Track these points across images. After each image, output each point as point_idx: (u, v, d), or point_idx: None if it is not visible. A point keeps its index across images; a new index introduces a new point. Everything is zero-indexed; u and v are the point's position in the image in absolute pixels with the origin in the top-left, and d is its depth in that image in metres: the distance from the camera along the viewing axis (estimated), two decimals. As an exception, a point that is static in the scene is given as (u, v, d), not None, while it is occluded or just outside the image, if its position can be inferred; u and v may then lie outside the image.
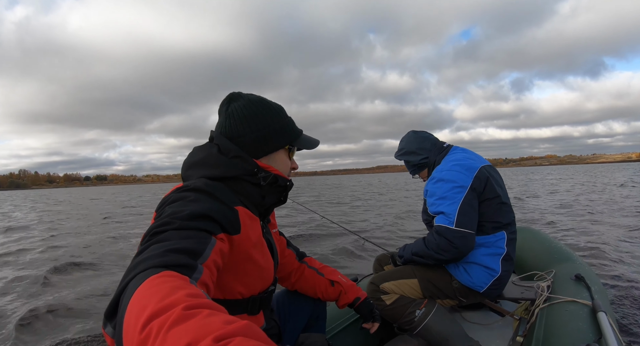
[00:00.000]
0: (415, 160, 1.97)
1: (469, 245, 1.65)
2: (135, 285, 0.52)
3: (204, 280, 0.63)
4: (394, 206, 12.11)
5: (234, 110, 1.00)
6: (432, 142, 1.96)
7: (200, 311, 0.43)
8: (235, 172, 0.95)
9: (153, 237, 0.68)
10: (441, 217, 1.69)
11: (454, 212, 1.65)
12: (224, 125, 1.01)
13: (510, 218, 1.79)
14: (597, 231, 5.83)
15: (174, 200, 0.81)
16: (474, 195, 1.70)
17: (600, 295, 1.66)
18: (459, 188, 1.69)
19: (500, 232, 1.75)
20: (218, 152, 0.97)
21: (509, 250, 1.74)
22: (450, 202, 1.67)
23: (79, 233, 8.79)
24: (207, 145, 1.02)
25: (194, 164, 0.98)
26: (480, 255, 1.72)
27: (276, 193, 1.03)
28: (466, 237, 1.63)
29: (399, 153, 2.04)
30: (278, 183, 1.01)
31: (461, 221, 1.63)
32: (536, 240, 2.60)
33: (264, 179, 0.97)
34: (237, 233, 0.86)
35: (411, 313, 1.74)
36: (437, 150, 1.93)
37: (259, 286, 0.99)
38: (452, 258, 1.67)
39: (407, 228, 7.25)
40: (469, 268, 1.74)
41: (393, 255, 2.05)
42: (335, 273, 1.45)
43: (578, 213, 8.14)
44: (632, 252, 4.43)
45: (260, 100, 1.03)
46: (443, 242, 1.64)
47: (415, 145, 1.97)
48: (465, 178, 1.71)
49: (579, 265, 2.08)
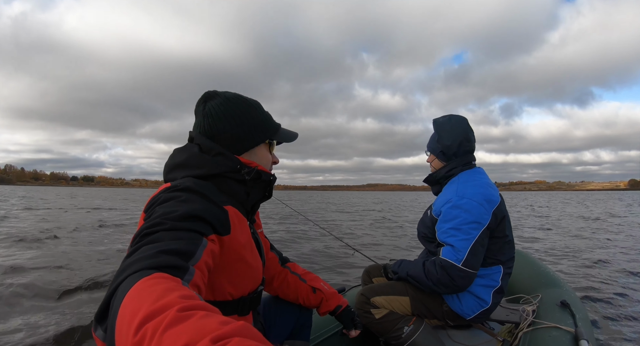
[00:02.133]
0: (443, 146, 1.81)
1: (468, 285, 1.62)
2: (127, 287, 0.51)
3: (195, 282, 0.63)
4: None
5: (211, 108, 0.99)
6: (469, 148, 1.83)
7: (195, 313, 0.42)
8: (219, 170, 0.94)
9: (144, 238, 0.67)
10: (449, 250, 1.61)
11: (464, 250, 1.58)
12: (203, 124, 1.00)
13: (510, 255, 1.76)
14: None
15: (164, 200, 0.79)
16: (487, 234, 1.65)
17: (584, 322, 1.68)
18: (476, 225, 1.61)
19: (497, 266, 1.73)
20: (199, 151, 0.97)
21: (502, 284, 1.73)
22: (464, 238, 1.60)
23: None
24: (187, 146, 1.01)
25: (177, 166, 0.97)
26: (474, 285, 1.70)
27: (261, 188, 1.03)
28: (469, 277, 1.59)
29: (440, 123, 1.85)
30: (262, 179, 1.01)
31: (469, 261, 1.58)
32: (525, 263, 2.61)
33: (248, 174, 0.97)
34: (228, 234, 0.85)
35: (399, 329, 1.73)
36: (464, 159, 1.82)
37: (249, 286, 0.99)
38: (448, 293, 1.67)
39: (400, 244, 7.25)
40: (462, 296, 1.73)
41: (386, 267, 2.01)
42: (318, 280, 1.45)
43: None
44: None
45: (236, 97, 1.03)
46: (445, 278, 1.60)
47: (458, 136, 1.80)
48: (484, 213, 1.63)
49: (565, 291, 2.09)
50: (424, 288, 1.72)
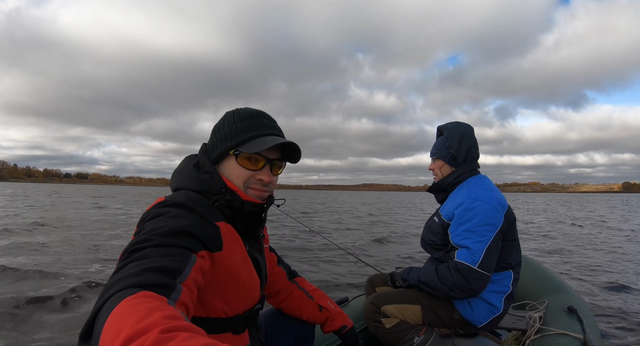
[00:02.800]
0: (453, 149, 1.81)
1: (483, 288, 1.61)
2: (111, 306, 0.50)
3: (183, 300, 0.61)
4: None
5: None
6: (476, 154, 1.85)
7: (177, 334, 0.41)
8: (200, 188, 0.92)
9: (131, 255, 0.66)
10: (465, 252, 1.60)
11: (480, 251, 1.58)
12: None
13: (518, 258, 1.76)
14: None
15: (154, 216, 0.79)
16: (500, 237, 1.65)
17: (592, 328, 1.65)
18: (491, 227, 1.61)
19: (508, 271, 1.72)
20: (195, 165, 0.97)
21: (512, 289, 1.72)
22: (479, 240, 1.59)
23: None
24: (193, 156, 1.03)
25: (176, 173, 1.00)
26: (487, 291, 1.68)
27: (244, 218, 0.96)
28: (484, 279, 1.58)
29: (450, 130, 1.85)
30: (245, 209, 0.93)
31: (485, 263, 1.57)
32: (530, 268, 2.58)
33: (219, 200, 0.91)
34: (219, 250, 0.84)
35: (410, 340, 1.70)
36: (470, 165, 1.82)
37: (244, 305, 0.97)
38: (463, 297, 1.65)
39: (400, 250, 7.20)
40: (473, 303, 1.70)
41: (393, 275, 1.96)
42: (325, 298, 1.42)
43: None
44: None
45: (235, 110, 1.00)
46: (461, 281, 1.58)
47: (466, 143, 1.81)
48: (498, 216, 1.64)
49: (572, 297, 2.06)
50: (437, 294, 1.69)
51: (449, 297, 1.68)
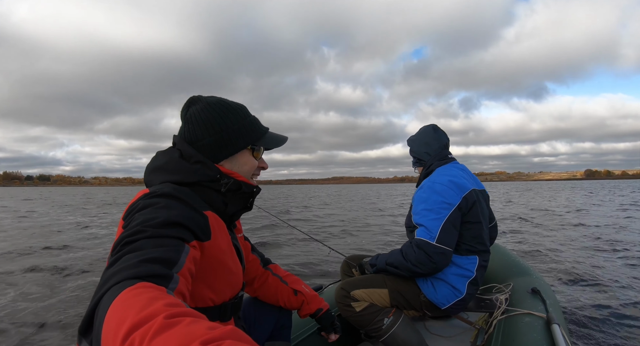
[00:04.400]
0: (415, 152, 2.03)
1: (446, 263, 1.69)
2: (110, 298, 0.50)
3: (180, 289, 0.62)
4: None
5: (192, 114, 0.98)
6: (440, 145, 1.99)
7: (182, 319, 0.42)
8: (196, 178, 0.92)
9: (125, 247, 0.65)
10: (423, 230, 1.71)
11: (436, 228, 1.68)
12: (184, 130, 0.99)
13: (485, 246, 1.83)
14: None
15: (143, 207, 0.78)
16: (459, 215, 1.74)
17: (554, 307, 1.74)
18: (447, 205, 1.72)
19: (473, 256, 1.79)
20: (180, 157, 0.95)
21: (477, 275, 1.78)
22: (435, 217, 1.70)
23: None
24: (169, 149, 1.00)
25: (156, 169, 0.96)
26: (450, 273, 1.76)
27: (240, 200, 1.00)
28: (445, 253, 1.67)
29: (410, 138, 2.11)
30: (242, 190, 0.98)
31: (442, 238, 1.67)
32: (496, 253, 2.70)
33: (225, 186, 0.95)
34: (208, 240, 0.84)
35: (379, 321, 1.77)
36: (440, 156, 1.96)
37: (230, 292, 0.97)
38: (428, 272, 1.71)
39: (374, 239, 7.34)
40: (437, 284, 1.77)
41: (362, 264, 2.05)
42: (299, 283, 1.45)
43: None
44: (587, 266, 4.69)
45: (218, 102, 1.00)
46: (422, 255, 1.67)
47: (424, 139, 2.01)
48: (454, 196, 1.74)
49: (536, 279, 2.17)
50: (404, 273, 1.76)
51: (415, 274, 1.75)
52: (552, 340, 1.40)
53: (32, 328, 3.02)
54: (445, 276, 1.76)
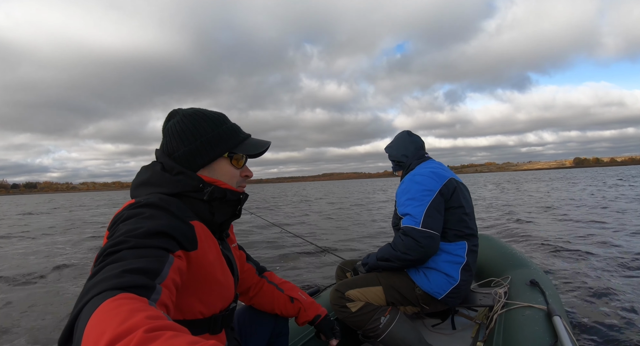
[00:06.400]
0: (394, 156, 2.11)
1: (435, 246, 1.71)
2: (91, 309, 0.49)
3: (163, 301, 0.60)
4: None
5: (170, 127, 0.99)
6: (416, 147, 2.07)
7: (162, 334, 0.41)
8: (179, 189, 0.92)
9: (107, 257, 0.64)
10: (408, 218, 1.76)
11: (420, 214, 1.73)
12: (163, 142, 1.00)
13: (472, 230, 1.87)
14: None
15: (127, 217, 0.77)
16: (441, 200, 1.79)
17: (554, 299, 1.73)
18: (428, 192, 1.78)
19: (462, 242, 1.81)
20: (162, 170, 0.96)
21: (469, 260, 1.80)
22: (418, 204, 1.75)
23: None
24: (152, 164, 1.00)
25: (140, 184, 0.96)
26: (441, 261, 1.77)
27: (227, 208, 0.99)
28: (432, 237, 1.70)
29: (387, 146, 2.19)
30: (227, 198, 0.97)
31: (427, 222, 1.71)
32: (493, 246, 2.68)
33: (207, 194, 0.94)
34: (195, 249, 0.83)
35: (376, 320, 1.75)
36: (417, 156, 2.04)
37: (220, 304, 0.95)
38: (418, 258, 1.72)
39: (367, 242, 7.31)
40: (429, 274, 1.78)
41: (355, 267, 2.06)
42: (295, 290, 1.42)
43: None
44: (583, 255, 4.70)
45: (194, 113, 1.00)
46: (410, 241, 1.70)
47: (401, 144, 2.09)
48: (434, 183, 1.81)
49: (534, 271, 2.16)
50: (395, 264, 1.77)
51: (406, 262, 1.75)
52: (555, 332, 1.38)
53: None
54: (436, 265, 1.78)
